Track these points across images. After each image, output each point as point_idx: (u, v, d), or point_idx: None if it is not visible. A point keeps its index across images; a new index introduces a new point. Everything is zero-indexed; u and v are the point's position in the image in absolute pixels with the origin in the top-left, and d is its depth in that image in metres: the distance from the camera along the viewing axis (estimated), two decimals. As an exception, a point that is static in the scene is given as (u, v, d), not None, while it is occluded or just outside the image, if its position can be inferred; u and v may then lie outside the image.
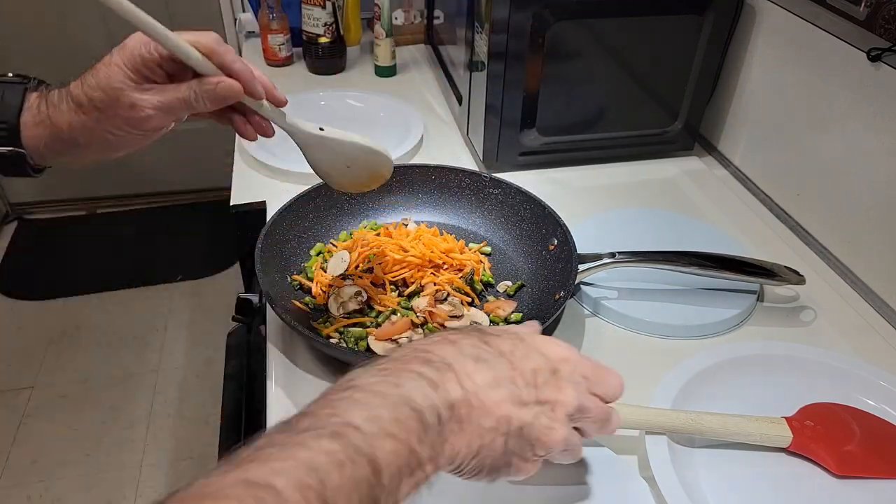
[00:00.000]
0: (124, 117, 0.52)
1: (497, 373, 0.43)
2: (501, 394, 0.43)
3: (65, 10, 2.07)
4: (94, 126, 0.52)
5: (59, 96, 0.53)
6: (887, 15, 0.75)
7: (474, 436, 0.41)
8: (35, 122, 0.52)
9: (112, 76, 0.51)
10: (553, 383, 0.46)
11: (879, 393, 0.67)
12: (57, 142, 0.53)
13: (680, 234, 0.89)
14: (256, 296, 0.85)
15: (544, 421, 0.45)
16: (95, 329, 1.98)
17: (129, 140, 0.54)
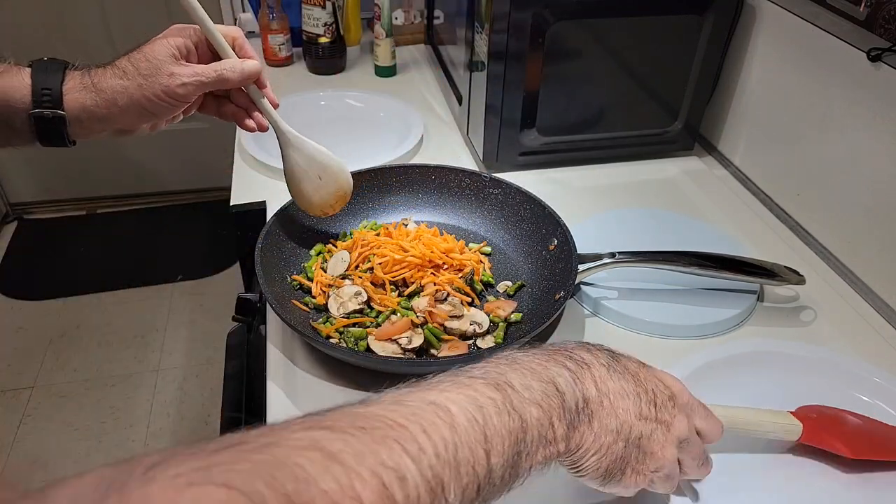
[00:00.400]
0: (163, 85, 0.60)
1: (625, 385, 0.47)
2: (627, 403, 0.46)
3: (64, 10, 2.06)
4: (135, 91, 0.60)
5: (105, 68, 0.61)
6: (887, 15, 0.75)
7: (600, 433, 0.45)
8: (79, 88, 0.59)
9: (157, 50, 0.61)
10: (670, 407, 0.49)
11: (879, 392, 0.67)
12: (97, 105, 0.60)
13: (680, 234, 0.89)
14: (256, 296, 0.85)
15: (659, 437, 0.48)
16: (95, 329, 1.98)
17: (160, 108, 0.61)
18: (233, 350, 0.93)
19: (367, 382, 0.68)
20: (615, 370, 0.47)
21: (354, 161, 0.92)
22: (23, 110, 0.58)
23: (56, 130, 0.60)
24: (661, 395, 0.49)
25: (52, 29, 2.09)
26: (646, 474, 0.48)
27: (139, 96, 0.60)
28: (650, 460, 0.47)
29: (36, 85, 0.58)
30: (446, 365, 0.67)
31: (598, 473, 0.46)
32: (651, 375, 0.50)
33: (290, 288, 0.77)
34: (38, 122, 0.59)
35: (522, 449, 0.40)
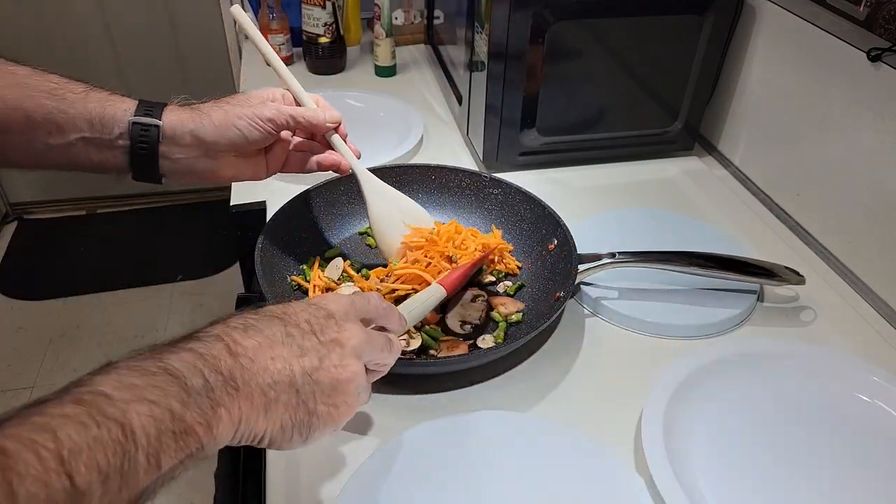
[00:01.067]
0: (254, 108, 0.65)
1: (268, 333, 0.45)
2: (278, 350, 0.44)
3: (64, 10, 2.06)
4: (229, 110, 0.64)
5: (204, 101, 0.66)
6: (887, 15, 0.75)
7: (258, 396, 0.42)
8: (177, 107, 0.64)
9: (254, 93, 0.68)
10: (332, 325, 0.48)
11: (879, 392, 0.67)
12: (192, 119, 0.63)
13: (680, 234, 0.89)
14: (256, 296, 0.85)
15: (334, 358, 0.47)
16: (95, 329, 1.98)
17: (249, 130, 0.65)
18: (233, 350, 0.93)
19: (367, 382, 0.68)
20: (254, 326, 0.45)
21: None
22: (123, 119, 0.61)
23: (150, 141, 0.62)
24: (317, 319, 0.48)
25: (53, 29, 2.09)
26: (346, 402, 0.47)
27: (232, 114, 0.64)
28: (338, 388, 0.47)
29: (142, 104, 0.62)
30: (445, 365, 0.68)
31: (287, 434, 0.45)
32: (302, 307, 0.49)
33: (289, 288, 0.77)
34: (135, 129, 0.61)
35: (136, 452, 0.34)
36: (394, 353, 0.55)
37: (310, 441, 0.47)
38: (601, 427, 0.64)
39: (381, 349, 0.52)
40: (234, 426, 0.41)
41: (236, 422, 0.41)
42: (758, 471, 0.60)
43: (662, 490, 0.55)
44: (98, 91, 0.61)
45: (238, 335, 0.43)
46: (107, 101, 0.61)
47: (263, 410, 0.43)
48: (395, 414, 0.65)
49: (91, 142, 0.61)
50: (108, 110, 0.60)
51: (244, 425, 0.42)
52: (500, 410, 0.65)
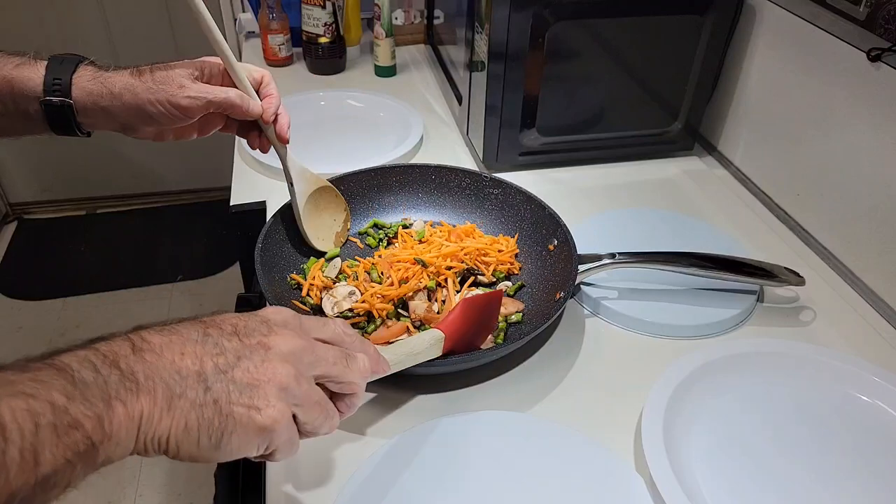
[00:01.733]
0: (169, 93, 0.63)
1: (184, 332, 0.42)
2: (189, 348, 0.41)
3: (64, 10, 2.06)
4: (141, 91, 0.62)
5: (124, 69, 0.65)
6: (887, 15, 0.75)
7: (161, 390, 0.38)
8: (89, 78, 0.63)
9: (178, 66, 0.65)
10: (261, 328, 0.44)
11: (879, 392, 0.67)
12: (102, 96, 0.62)
13: (680, 234, 0.89)
14: (256, 296, 0.85)
15: (256, 359, 0.42)
16: (95, 329, 1.97)
17: (161, 115, 0.63)
18: (233, 350, 0.93)
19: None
20: (171, 328, 0.42)
21: (354, 161, 0.92)
22: (35, 98, 0.61)
23: (65, 118, 0.62)
24: (246, 324, 0.44)
25: (52, 29, 2.08)
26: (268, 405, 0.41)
27: (144, 98, 0.62)
28: (258, 387, 0.41)
29: (48, 75, 0.62)
30: (446, 365, 0.68)
31: (192, 435, 0.39)
32: (236, 315, 0.45)
33: (289, 288, 0.77)
34: (48, 109, 0.62)
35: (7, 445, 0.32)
36: (355, 370, 0.47)
37: (222, 447, 0.40)
38: (601, 427, 0.64)
39: (334, 362, 0.46)
40: (134, 423, 0.37)
41: (136, 418, 0.37)
42: (758, 470, 0.60)
43: (662, 490, 0.55)
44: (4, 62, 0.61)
45: (148, 334, 0.41)
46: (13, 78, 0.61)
47: (167, 406, 0.38)
48: (395, 414, 0.65)
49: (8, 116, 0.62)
50: (17, 87, 0.61)
51: (146, 424, 0.37)
52: (500, 410, 0.65)
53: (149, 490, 1.58)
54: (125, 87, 0.62)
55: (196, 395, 0.39)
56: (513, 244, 0.83)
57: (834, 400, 0.67)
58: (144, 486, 1.59)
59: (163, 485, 1.60)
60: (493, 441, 0.61)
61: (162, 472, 1.62)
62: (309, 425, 0.44)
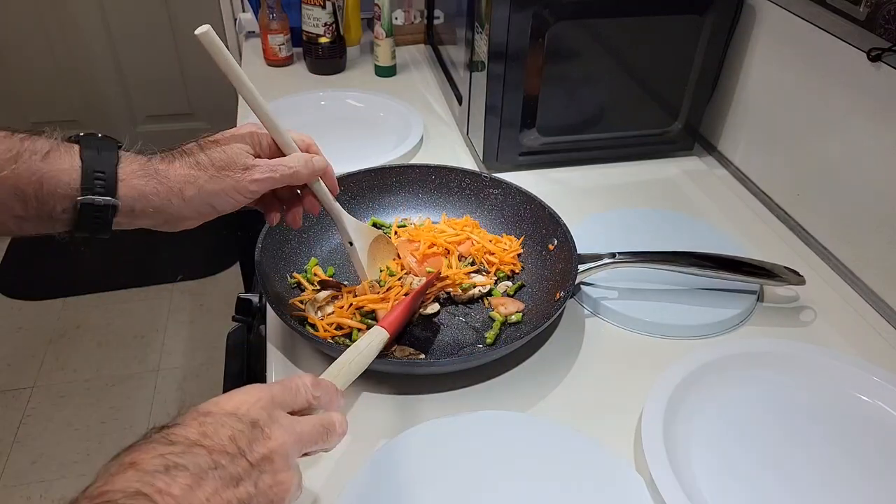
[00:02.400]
0: (236, 179, 0.57)
1: (194, 469, 0.39)
2: (208, 487, 0.39)
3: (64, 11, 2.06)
4: (205, 183, 0.55)
5: (174, 156, 0.56)
6: (887, 15, 0.75)
7: None
8: (140, 174, 0.53)
9: (234, 145, 0.58)
10: (258, 436, 0.44)
11: (879, 392, 0.67)
12: (157, 193, 0.54)
13: (680, 234, 0.89)
14: (256, 296, 0.85)
15: (268, 481, 0.43)
16: (95, 329, 1.98)
17: (227, 203, 0.58)
18: (233, 350, 0.93)
19: (365, 382, 0.68)
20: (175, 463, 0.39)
21: (354, 161, 0.92)
22: (68, 197, 0.50)
23: (102, 219, 0.52)
24: (242, 433, 0.43)
25: (53, 29, 2.09)
26: None
27: (210, 189, 0.56)
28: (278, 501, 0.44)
29: (87, 167, 0.50)
30: (445, 365, 0.68)
31: None
32: (220, 420, 0.43)
33: (289, 288, 0.77)
34: (84, 211, 0.50)
35: None
36: (335, 436, 0.50)
37: None
38: (601, 427, 0.64)
39: (317, 441, 0.48)
40: None
41: None
42: (758, 470, 0.60)
43: (662, 490, 0.55)
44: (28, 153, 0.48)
45: (161, 482, 0.37)
46: (43, 173, 0.49)
47: None
48: (395, 414, 0.65)
49: (27, 220, 0.50)
50: (47, 186, 0.49)
51: None
52: (500, 410, 0.65)
53: (149, 490, 1.58)
54: (186, 181, 0.54)
55: None
56: (517, 245, 0.83)
57: (834, 400, 0.67)
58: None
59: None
60: (493, 441, 0.61)
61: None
62: None
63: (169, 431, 0.41)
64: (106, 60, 2.18)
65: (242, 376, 0.89)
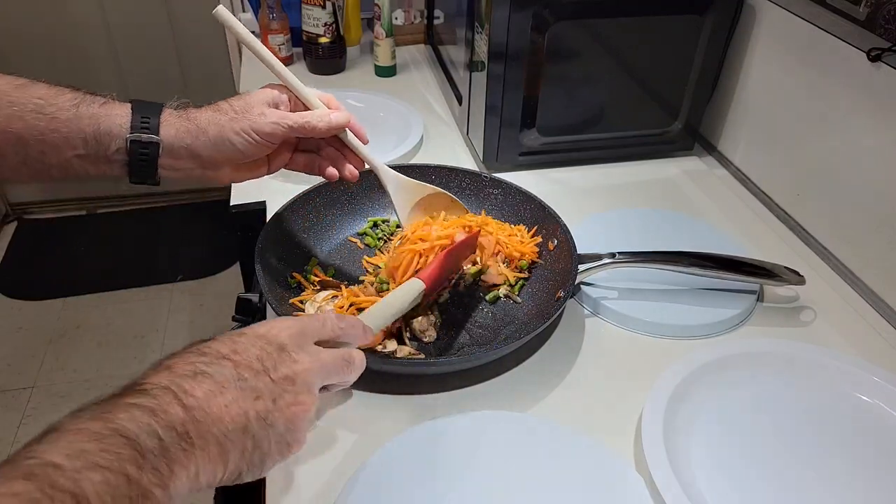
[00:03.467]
0: (252, 121, 0.62)
1: (219, 377, 0.43)
2: (229, 396, 0.43)
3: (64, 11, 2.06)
4: (225, 123, 0.62)
5: (202, 107, 0.64)
6: (887, 15, 0.75)
7: (213, 447, 0.41)
8: (174, 116, 0.62)
9: (254, 95, 0.65)
10: (285, 360, 0.47)
11: (879, 392, 0.67)
12: (189, 132, 0.61)
13: (680, 234, 0.89)
14: (256, 296, 0.85)
15: (288, 398, 0.46)
16: (95, 329, 1.98)
17: (246, 145, 0.63)
18: (233, 350, 0.93)
19: (366, 382, 0.68)
20: (202, 371, 0.43)
21: (354, 161, 0.92)
22: (120, 136, 0.59)
23: (149, 158, 0.61)
24: (269, 355, 0.47)
25: (53, 29, 2.09)
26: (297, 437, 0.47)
27: (228, 129, 0.62)
28: (291, 427, 0.46)
29: (136, 114, 0.60)
30: (445, 365, 0.68)
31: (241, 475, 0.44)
32: (251, 340, 0.47)
33: (289, 288, 0.77)
34: (134, 147, 0.60)
35: None
36: (355, 370, 0.54)
37: (261, 474, 0.46)
38: (601, 427, 0.64)
39: (338, 372, 0.52)
40: (190, 481, 0.40)
41: (193, 476, 0.40)
42: (757, 470, 0.60)
43: (662, 489, 0.55)
44: (89, 101, 0.59)
45: (187, 384, 0.41)
46: (100, 115, 0.59)
47: (220, 460, 0.42)
48: (395, 414, 0.65)
49: (87, 158, 0.59)
50: (104, 125, 0.59)
51: (202, 477, 0.41)
52: (500, 410, 0.65)
53: (149, 490, 1.58)
54: (210, 121, 0.62)
55: (244, 445, 0.43)
56: (527, 236, 0.83)
57: (834, 400, 0.67)
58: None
59: (163, 485, 1.60)
60: (493, 441, 0.61)
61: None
62: None
63: (205, 345, 0.45)
64: (106, 60, 2.18)
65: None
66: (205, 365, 0.43)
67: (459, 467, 0.59)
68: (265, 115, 0.63)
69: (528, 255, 0.80)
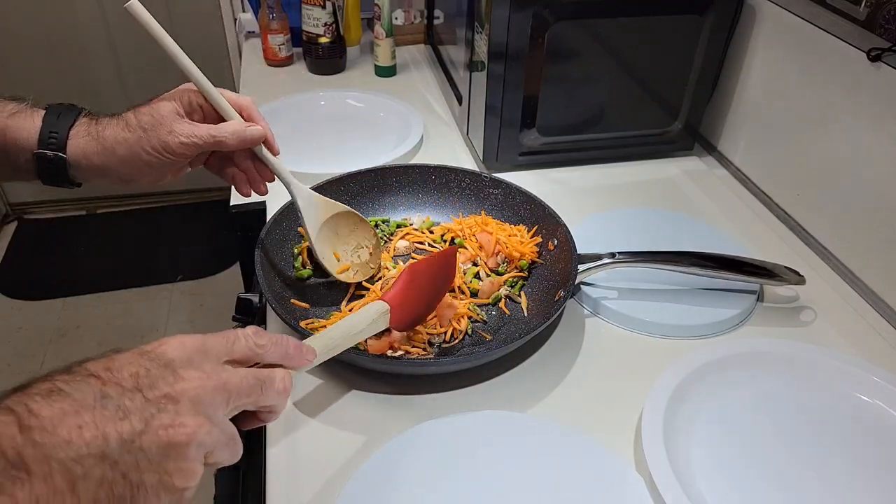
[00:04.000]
0: (161, 140, 0.60)
1: (78, 395, 0.36)
2: (86, 417, 0.36)
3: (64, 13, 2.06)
4: (134, 143, 0.60)
5: (111, 119, 0.62)
6: (887, 15, 0.75)
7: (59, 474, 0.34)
8: (83, 134, 0.61)
9: (162, 106, 0.62)
10: (166, 377, 0.39)
11: (879, 392, 0.67)
12: (97, 153, 0.61)
13: (680, 234, 0.89)
14: (256, 296, 0.85)
15: (164, 419, 0.38)
16: (95, 329, 1.98)
17: (157, 163, 0.61)
18: (233, 350, 0.93)
19: (366, 382, 0.68)
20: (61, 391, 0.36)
21: (354, 161, 0.92)
22: (28, 150, 0.60)
23: (57, 172, 0.61)
24: (147, 372, 0.39)
25: (53, 29, 2.09)
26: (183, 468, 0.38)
27: (137, 149, 0.61)
28: (172, 452, 0.38)
29: (45, 127, 0.60)
30: (445, 365, 0.68)
31: None
32: (131, 357, 0.40)
33: (289, 287, 0.77)
34: (40, 163, 0.60)
35: None
36: (272, 393, 0.45)
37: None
38: (601, 427, 0.64)
39: (248, 393, 0.43)
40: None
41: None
42: (757, 470, 0.60)
43: (662, 489, 0.55)
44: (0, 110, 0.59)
45: (36, 404, 0.35)
46: (7, 127, 0.59)
47: (69, 489, 0.34)
48: (395, 414, 0.65)
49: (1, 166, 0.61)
50: (10, 136, 0.59)
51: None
52: (500, 410, 0.65)
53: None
54: (117, 141, 0.61)
55: (102, 473, 0.35)
56: (527, 236, 0.83)
57: (834, 400, 0.67)
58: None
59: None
60: (493, 441, 0.61)
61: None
62: (216, 462, 0.42)
63: (81, 363, 0.39)
64: (106, 60, 2.18)
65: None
66: (64, 383, 0.37)
67: (459, 467, 0.59)
68: (174, 133, 0.61)
69: (528, 255, 0.80)
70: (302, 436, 0.63)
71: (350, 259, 0.77)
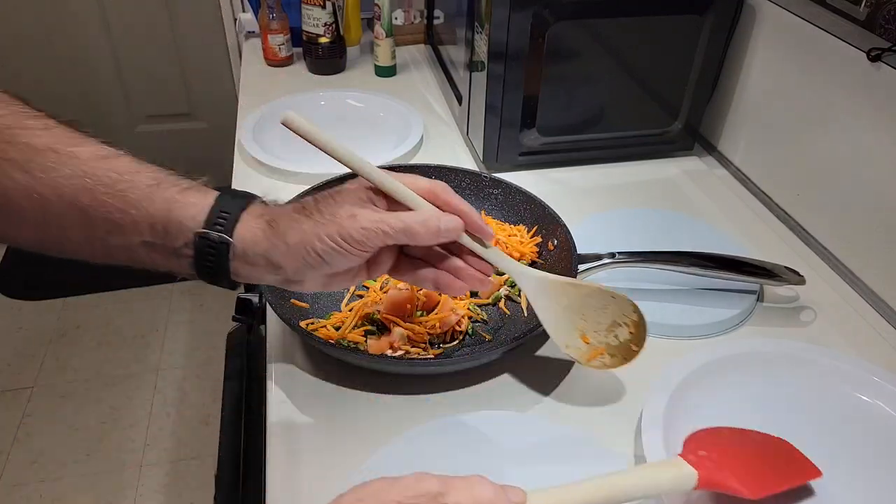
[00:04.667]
0: (339, 225, 0.51)
1: None
2: None
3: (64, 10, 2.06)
4: (308, 228, 0.51)
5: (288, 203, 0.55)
6: (887, 15, 0.75)
7: None
8: (255, 215, 0.52)
9: (346, 192, 0.53)
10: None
11: (879, 392, 0.67)
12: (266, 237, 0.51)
13: (680, 234, 0.89)
14: (256, 296, 0.85)
15: None
16: (95, 329, 1.98)
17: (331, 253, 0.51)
18: (233, 350, 0.93)
19: (366, 382, 0.68)
20: None
21: (354, 161, 0.92)
22: (190, 229, 0.51)
23: (217, 260, 0.51)
24: None
25: (53, 29, 2.09)
26: None
27: (311, 234, 0.51)
28: None
29: (216, 205, 0.51)
30: (445, 365, 0.68)
31: None
32: None
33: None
34: (201, 244, 0.51)
35: None
36: None
37: None
38: (601, 427, 0.64)
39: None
40: None
41: None
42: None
43: (662, 490, 0.55)
44: (169, 183, 0.51)
45: None
46: (175, 201, 0.50)
47: None
48: (395, 414, 0.65)
49: (155, 248, 0.52)
50: (175, 213, 0.50)
51: None
52: (500, 410, 0.65)
53: (149, 491, 1.58)
54: (290, 226, 0.51)
55: None
56: (527, 236, 0.82)
57: (834, 400, 0.67)
58: (144, 486, 1.59)
59: (163, 486, 1.60)
60: (494, 441, 0.61)
61: (162, 473, 1.62)
62: None
63: None
64: (106, 60, 2.18)
65: (242, 376, 0.89)
66: None
67: (459, 467, 0.59)
68: (355, 218, 0.51)
69: (528, 255, 0.80)
70: (302, 436, 0.63)
71: (604, 341, 0.63)
